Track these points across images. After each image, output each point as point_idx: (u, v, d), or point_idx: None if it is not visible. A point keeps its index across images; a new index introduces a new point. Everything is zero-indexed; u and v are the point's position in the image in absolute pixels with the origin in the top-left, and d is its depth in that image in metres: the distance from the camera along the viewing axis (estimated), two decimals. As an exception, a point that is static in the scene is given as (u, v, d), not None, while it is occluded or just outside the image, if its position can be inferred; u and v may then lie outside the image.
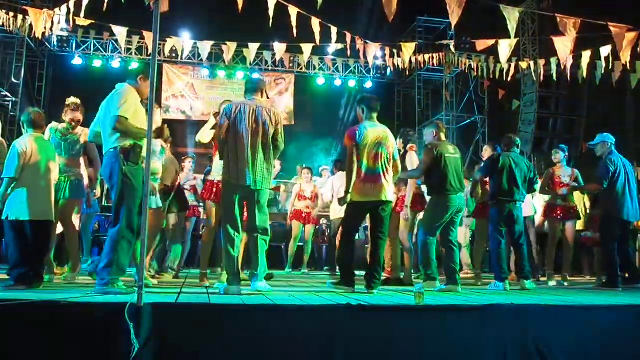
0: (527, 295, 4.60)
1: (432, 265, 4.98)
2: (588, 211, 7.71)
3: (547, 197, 6.84)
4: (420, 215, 5.74)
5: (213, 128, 4.74)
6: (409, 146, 5.80)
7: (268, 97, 4.51)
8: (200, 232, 8.94)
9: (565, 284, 6.36)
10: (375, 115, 4.73)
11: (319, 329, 3.02)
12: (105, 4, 5.65)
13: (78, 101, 5.22)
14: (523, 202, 5.61)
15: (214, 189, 4.97)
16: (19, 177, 4.23)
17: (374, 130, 4.60)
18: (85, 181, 5.43)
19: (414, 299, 3.46)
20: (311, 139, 13.90)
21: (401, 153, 5.79)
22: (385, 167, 4.58)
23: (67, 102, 5.19)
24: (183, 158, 7.86)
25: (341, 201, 4.62)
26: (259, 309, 3.07)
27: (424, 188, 5.58)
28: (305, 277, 7.18)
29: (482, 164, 6.05)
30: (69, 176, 4.97)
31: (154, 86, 3.04)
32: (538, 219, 7.30)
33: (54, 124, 5.14)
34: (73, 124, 5.06)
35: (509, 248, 6.18)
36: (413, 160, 5.67)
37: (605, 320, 3.47)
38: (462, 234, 7.45)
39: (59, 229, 5.51)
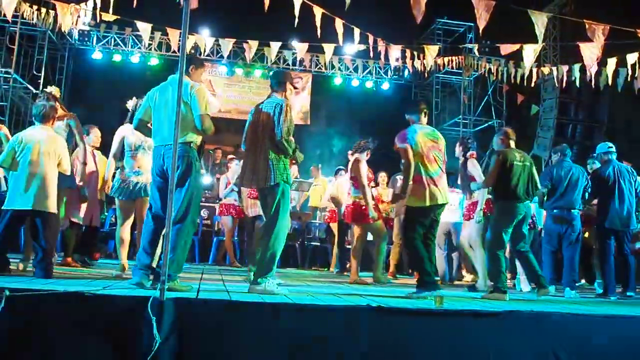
0: (546, 303, 4.55)
1: (502, 277, 4.80)
2: None
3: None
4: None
5: None
6: (469, 154, 5.83)
7: (296, 88, 4.46)
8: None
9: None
10: (422, 117, 4.65)
11: (338, 329, 3.03)
12: (135, 1, 5.68)
13: (51, 91, 5.22)
14: (581, 210, 5.82)
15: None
16: (13, 167, 4.39)
17: (425, 132, 4.53)
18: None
19: (433, 303, 3.46)
20: (327, 139, 13.88)
21: (461, 161, 5.84)
22: (441, 170, 4.54)
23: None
24: (229, 157, 8.17)
25: (396, 199, 4.76)
26: (279, 308, 3.07)
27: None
28: (325, 278, 7.16)
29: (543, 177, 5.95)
30: None
31: (182, 82, 3.07)
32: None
33: None
34: None
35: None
36: (475, 168, 5.75)
37: (625, 330, 3.45)
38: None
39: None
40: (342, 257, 8.08)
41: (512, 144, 5.16)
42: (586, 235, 6.92)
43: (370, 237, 6.46)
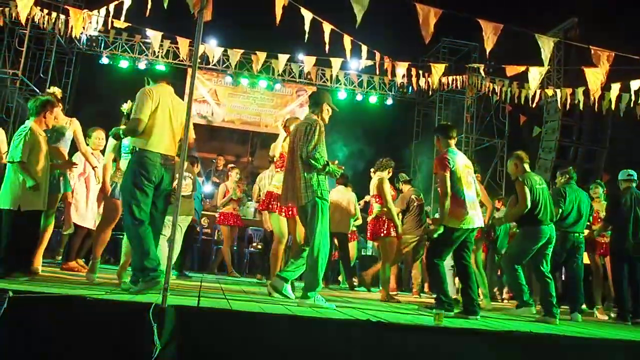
0: (546, 325, 4.54)
1: (525, 291, 4.88)
2: None
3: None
4: None
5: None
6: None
7: (334, 109, 4.46)
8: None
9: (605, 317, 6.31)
10: (453, 142, 4.69)
11: (338, 342, 3.03)
12: (148, 11, 5.77)
13: (54, 92, 5.22)
14: (584, 233, 5.80)
15: (271, 199, 5.34)
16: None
17: (461, 157, 4.60)
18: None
19: (432, 320, 3.46)
20: (329, 151, 13.87)
21: None
22: (476, 195, 4.60)
23: None
24: (230, 167, 8.28)
25: (433, 231, 4.48)
26: (279, 319, 3.08)
27: None
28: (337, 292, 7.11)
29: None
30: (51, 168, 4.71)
31: (193, 91, 3.11)
32: None
33: None
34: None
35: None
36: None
37: (623, 354, 3.46)
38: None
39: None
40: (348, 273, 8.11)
41: (527, 167, 5.18)
42: (587, 259, 6.93)
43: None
